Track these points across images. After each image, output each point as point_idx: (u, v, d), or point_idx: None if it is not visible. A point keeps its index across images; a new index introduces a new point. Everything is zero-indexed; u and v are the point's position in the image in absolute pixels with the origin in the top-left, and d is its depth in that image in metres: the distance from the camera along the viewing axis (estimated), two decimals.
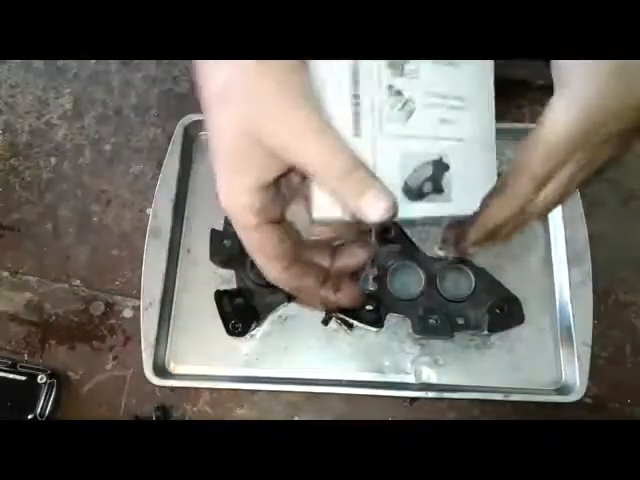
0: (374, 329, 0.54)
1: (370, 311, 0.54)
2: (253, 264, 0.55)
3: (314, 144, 0.29)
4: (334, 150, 0.30)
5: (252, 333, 0.55)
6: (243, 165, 0.31)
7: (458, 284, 0.56)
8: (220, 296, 0.54)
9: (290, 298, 0.55)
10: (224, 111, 0.31)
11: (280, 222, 0.34)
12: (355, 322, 0.54)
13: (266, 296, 0.55)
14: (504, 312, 0.54)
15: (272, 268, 0.34)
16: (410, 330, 0.54)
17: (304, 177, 0.33)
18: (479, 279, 0.55)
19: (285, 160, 0.30)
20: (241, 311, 0.54)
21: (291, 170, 0.31)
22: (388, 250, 0.56)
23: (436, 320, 0.53)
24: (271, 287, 0.55)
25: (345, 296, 0.40)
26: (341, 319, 0.55)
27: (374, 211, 0.29)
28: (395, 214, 0.30)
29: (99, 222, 0.62)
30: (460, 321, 0.54)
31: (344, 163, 0.29)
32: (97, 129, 0.66)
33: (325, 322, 0.56)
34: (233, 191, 0.31)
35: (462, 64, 0.38)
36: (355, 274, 0.42)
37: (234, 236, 0.56)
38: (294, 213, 0.36)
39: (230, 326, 0.54)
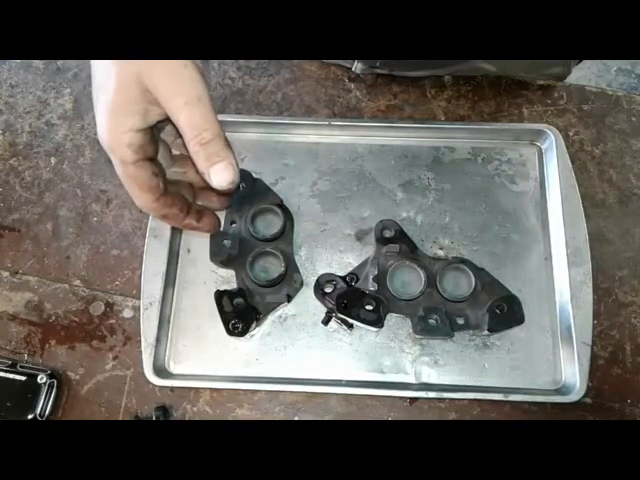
0: (374, 329, 0.54)
1: (370, 311, 0.54)
2: (253, 264, 0.55)
3: (191, 109, 0.36)
4: (206, 119, 0.36)
5: (252, 333, 0.55)
6: (130, 109, 0.36)
7: (458, 284, 0.56)
8: (220, 296, 0.54)
9: (289, 298, 0.55)
10: (122, 61, 0.36)
11: (153, 160, 0.40)
12: (355, 322, 0.54)
13: (266, 296, 0.55)
14: (504, 312, 0.54)
15: (145, 199, 0.40)
16: (410, 330, 0.54)
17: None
18: (479, 279, 0.55)
19: (166, 112, 0.37)
20: (241, 311, 0.54)
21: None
22: (388, 250, 0.56)
23: (436, 320, 0.53)
24: (271, 287, 0.55)
25: (205, 224, 0.46)
26: (341, 319, 0.55)
27: (218, 179, 0.37)
28: (236, 187, 0.39)
29: (99, 222, 0.62)
30: (460, 321, 0.54)
31: (210, 132, 0.36)
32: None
33: (325, 322, 0.56)
34: (118, 130, 0.36)
35: None
36: None
37: (234, 236, 0.56)
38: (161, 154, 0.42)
39: (230, 326, 0.54)
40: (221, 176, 0.37)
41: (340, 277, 0.56)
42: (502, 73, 0.65)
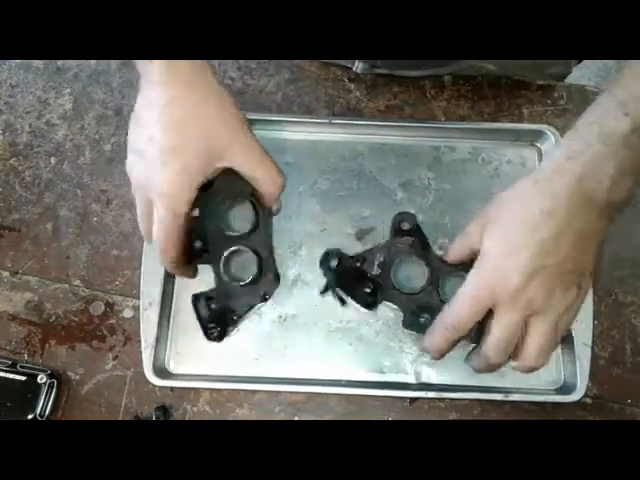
0: (365, 310, 0.54)
1: (367, 294, 0.54)
2: (227, 264, 0.52)
3: (266, 169, 0.47)
4: (277, 171, 0.48)
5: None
6: (201, 172, 0.43)
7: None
8: (196, 299, 0.53)
9: (266, 298, 0.54)
10: (194, 134, 0.43)
11: None
12: (350, 301, 0.55)
13: (241, 297, 0.53)
14: None
15: (178, 246, 0.46)
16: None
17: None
18: None
19: (242, 174, 0.47)
20: (217, 315, 0.53)
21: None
22: (401, 242, 0.56)
23: (427, 319, 0.53)
24: (247, 286, 0.53)
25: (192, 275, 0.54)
26: (337, 294, 0.55)
27: (277, 209, 0.51)
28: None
29: (99, 222, 0.62)
30: None
31: (281, 180, 0.48)
32: (97, 129, 0.66)
33: (322, 292, 0.56)
34: (184, 187, 0.43)
35: None
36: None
37: (204, 235, 0.52)
38: None
39: (208, 331, 0.53)
40: (280, 205, 0.51)
41: (348, 255, 0.56)
42: (502, 72, 0.65)
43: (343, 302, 0.56)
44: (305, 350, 0.55)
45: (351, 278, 0.54)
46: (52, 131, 0.66)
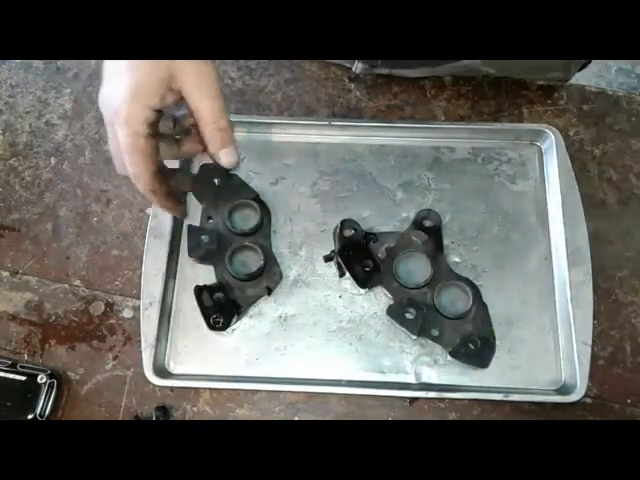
0: (358, 287, 0.56)
1: (365, 271, 0.55)
2: (232, 259, 0.56)
3: (213, 101, 0.44)
4: (220, 111, 0.45)
5: (233, 327, 0.55)
6: (154, 91, 0.43)
7: (455, 301, 0.55)
8: (200, 291, 0.55)
9: (270, 291, 0.56)
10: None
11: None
12: (348, 274, 0.56)
13: (246, 290, 0.56)
14: (475, 348, 0.53)
15: (144, 168, 0.44)
16: None
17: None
18: (476, 310, 0.54)
19: (188, 103, 0.44)
20: (222, 305, 0.55)
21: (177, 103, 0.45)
22: (415, 235, 0.56)
23: (412, 315, 0.54)
24: (251, 280, 0.56)
25: (178, 210, 0.54)
26: (339, 263, 0.56)
27: (227, 159, 0.47)
28: (236, 167, 0.49)
29: (99, 222, 0.62)
30: (434, 332, 0.54)
31: (223, 122, 0.45)
32: (97, 129, 0.66)
33: (326, 259, 0.57)
34: (139, 106, 0.42)
35: None
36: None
37: (212, 232, 0.57)
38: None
39: (211, 321, 0.54)
40: (230, 157, 0.47)
41: (363, 230, 0.57)
42: (502, 75, 0.65)
43: (342, 273, 0.56)
44: (305, 350, 0.55)
45: (355, 252, 0.56)
46: (52, 131, 0.66)
